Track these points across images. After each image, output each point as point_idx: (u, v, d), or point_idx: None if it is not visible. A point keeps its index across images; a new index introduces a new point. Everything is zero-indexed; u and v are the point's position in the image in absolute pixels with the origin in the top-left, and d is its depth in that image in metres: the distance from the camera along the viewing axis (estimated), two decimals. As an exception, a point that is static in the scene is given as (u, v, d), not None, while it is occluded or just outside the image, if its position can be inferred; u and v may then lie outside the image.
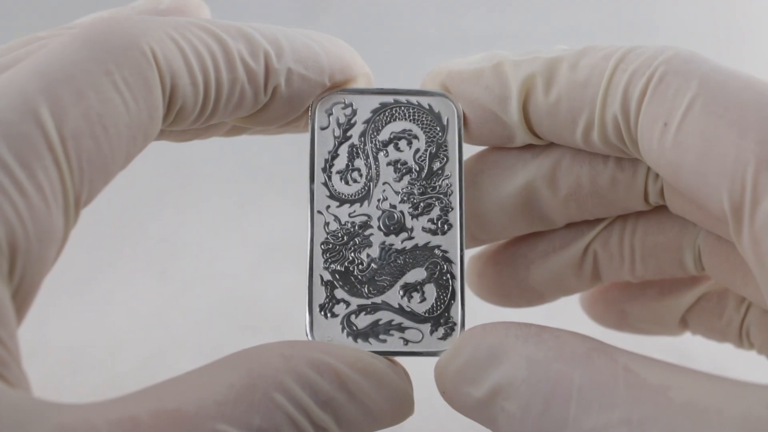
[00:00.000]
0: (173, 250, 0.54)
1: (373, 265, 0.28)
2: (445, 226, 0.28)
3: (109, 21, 0.24)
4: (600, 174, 0.29)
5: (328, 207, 0.28)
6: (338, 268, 0.27)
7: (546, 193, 0.29)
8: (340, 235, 0.28)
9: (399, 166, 0.28)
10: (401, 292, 0.27)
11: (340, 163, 0.28)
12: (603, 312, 0.34)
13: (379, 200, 0.28)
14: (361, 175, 0.28)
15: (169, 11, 0.29)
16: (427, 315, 0.27)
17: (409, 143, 0.28)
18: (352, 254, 0.28)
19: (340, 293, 0.27)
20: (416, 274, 0.27)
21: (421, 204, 0.28)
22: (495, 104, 0.28)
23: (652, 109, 0.25)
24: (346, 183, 0.28)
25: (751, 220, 0.23)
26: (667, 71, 0.25)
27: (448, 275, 0.27)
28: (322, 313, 0.27)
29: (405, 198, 0.28)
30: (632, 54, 0.26)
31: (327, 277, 0.27)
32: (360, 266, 0.27)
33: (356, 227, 0.28)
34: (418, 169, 0.28)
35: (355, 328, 0.27)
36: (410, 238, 0.28)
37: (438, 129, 0.28)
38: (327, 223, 0.28)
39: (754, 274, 0.24)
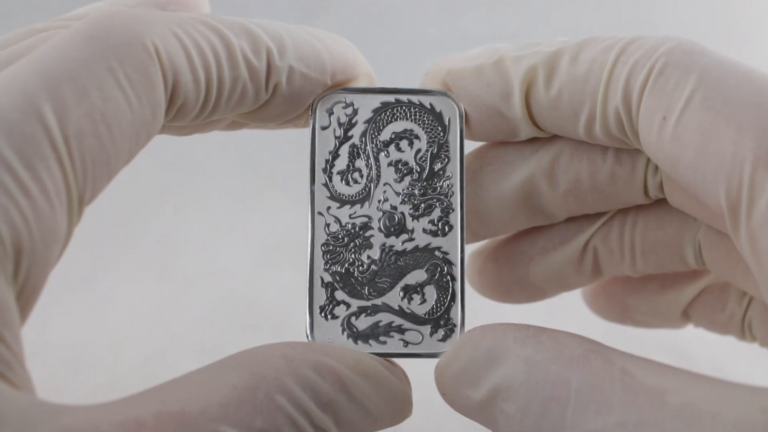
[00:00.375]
0: (174, 248, 0.54)
1: (373, 266, 0.27)
2: (446, 228, 0.28)
3: (111, 16, 0.24)
4: (599, 170, 0.29)
5: (328, 208, 0.28)
6: (338, 269, 0.27)
7: (545, 189, 0.29)
8: (340, 236, 0.28)
9: (400, 166, 0.28)
10: (401, 294, 0.27)
11: (341, 163, 0.28)
12: (605, 306, 0.34)
13: (379, 201, 0.28)
14: (361, 176, 0.28)
15: (169, 3, 0.28)
16: (427, 317, 0.27)
17: (411, 143, 0.28)
18: (353, 256, 0.27)
19: (340, 295, 0.27)
20: (416, 276, 0.27)
21: (422, 205, 0.28)
22: (497, 100, 0.28)
23: (651, 101, 0.25)
24: (347, 184, 0.28)
25: (747, 218, 0.22)
26: (667, 63, 0.24)
27: (449, 277, 0.27)
28: (323, 314, 0.27)
29: (406, 199, 0.28)
30: (633, 45, 0.25)
31: (327, 278, 0.27)
32: (360, 268, 0.27)
33: (356, 228, 0.28)
34: (419, 169, 0.28)
35: (355, 329, 0.27)
36: (411, 239, 0.28)
37: (439, 129, 0.28)
38: (327, 225, 0.28)
39: (751, 271, 0.24)
